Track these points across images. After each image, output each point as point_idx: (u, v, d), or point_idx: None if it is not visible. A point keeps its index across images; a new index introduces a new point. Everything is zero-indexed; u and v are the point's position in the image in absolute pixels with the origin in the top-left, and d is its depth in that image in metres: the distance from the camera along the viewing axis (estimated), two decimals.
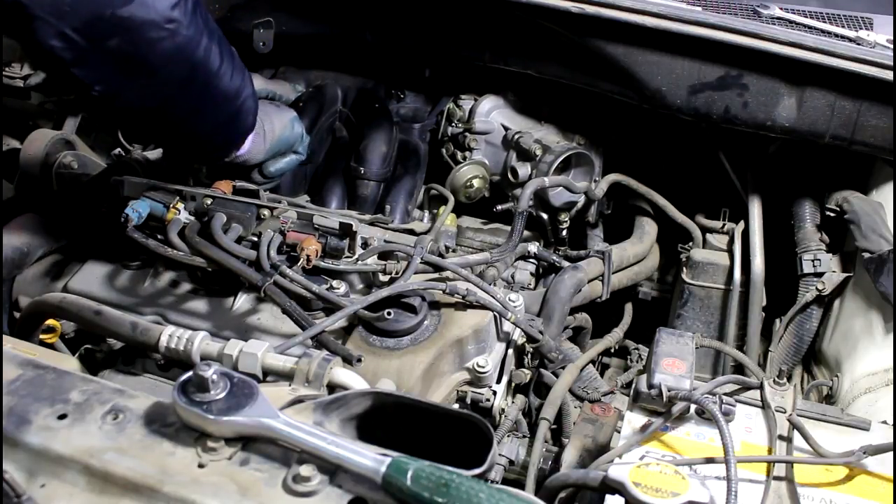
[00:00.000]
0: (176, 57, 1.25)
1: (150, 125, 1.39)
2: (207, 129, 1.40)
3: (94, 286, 1.47)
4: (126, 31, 1.18)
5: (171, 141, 1.48)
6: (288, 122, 1.58)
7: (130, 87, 1.26)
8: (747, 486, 1.01)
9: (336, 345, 1.23)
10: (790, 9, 1.89)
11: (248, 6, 1.83)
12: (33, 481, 0.83)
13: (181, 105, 1.32)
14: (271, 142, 1.53)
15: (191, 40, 1.25)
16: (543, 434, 1.39)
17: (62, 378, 0.93)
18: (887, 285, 1.51)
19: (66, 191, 1.59)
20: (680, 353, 1.13)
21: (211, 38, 1.29)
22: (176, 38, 1.22)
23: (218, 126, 1.41)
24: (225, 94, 1.36)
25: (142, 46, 1.21)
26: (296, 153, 1.64)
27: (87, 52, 1.18)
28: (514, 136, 1.83)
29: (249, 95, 1.42)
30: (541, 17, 1.64)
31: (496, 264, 1.57)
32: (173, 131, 1.40)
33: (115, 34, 1.18)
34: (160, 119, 1.34)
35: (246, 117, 1.44)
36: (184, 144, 1.46)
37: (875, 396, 1.54)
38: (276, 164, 1.60)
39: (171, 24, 1.21)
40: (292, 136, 1.60)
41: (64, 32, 1.15)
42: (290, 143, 1.60)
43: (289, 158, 1.63)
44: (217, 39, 1.31)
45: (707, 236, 1.90)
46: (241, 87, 1.38)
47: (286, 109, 1.63)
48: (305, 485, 0.81)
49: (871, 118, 1.55)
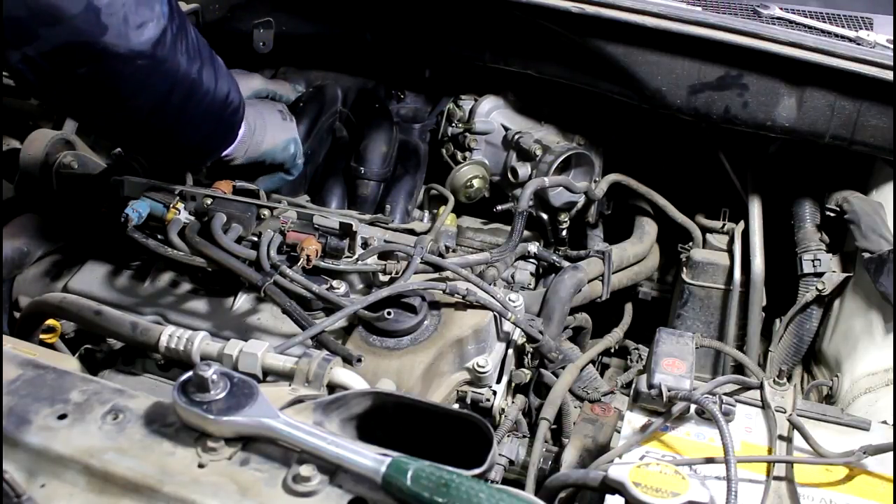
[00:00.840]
0: (148, 87, 1.22)
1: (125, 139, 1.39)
2: (186, 142, 1.39)
3: (94, 286, 1.47)
4: (96, 61, 1.15)
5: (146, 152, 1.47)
6: (281, 143, 1.58)
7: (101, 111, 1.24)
8: (747, 486, 1.01)
9: (336, 345, 1.23)
10: (790, 9, 1.90)
11: (248, 6, 1.83)
12: (33, 481, 0.83)
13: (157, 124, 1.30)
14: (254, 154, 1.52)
15: (167, 72, 1.22)
16: (543, 434, 1.39)
17: (62, 378, 0.93)
18: (887, 285, 1.51)
19: (66, 191, 1.59)
20: (680, 353, 1.13)
21: (191, 62, 1.25)
22: (150, 69, 1.19)
23: (198, 140, 1.40)
24: (205, 113, 1.34)
25: (112, 77, 1.18)
26: (286, 172, 1.64)
27: (54, 78, 1.16)
28: (514, 136, 1.83)
29: (235, 109, 1.40)
30: (541, 17, 1.64)
31: (496, 264, 1.57)
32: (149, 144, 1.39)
33: (85, 63, 1.15)
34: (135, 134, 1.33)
35: (228, 129, 1.43)
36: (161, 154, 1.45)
37: (875, 396, 1.54)
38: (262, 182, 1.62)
39: (143, 60, 1.17)
40: (282, 155, 1.59)
41: (30, 57, 1.12)
42: (276, 159, 1.59)
43: (275, 178, 1.64)
44: (199, 61, 1.27)
45: (707, 236, 1.90)
46: (225, 103, 1.36)
47: (289, 129, 1.62)
48: (305, 485, 0.81)
49: (871, 118, 1.55)
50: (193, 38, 1.28)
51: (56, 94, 1.20)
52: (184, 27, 1.24)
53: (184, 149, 1.41)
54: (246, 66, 1.81)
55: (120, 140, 1.41)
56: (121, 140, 1.40)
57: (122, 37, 1.14)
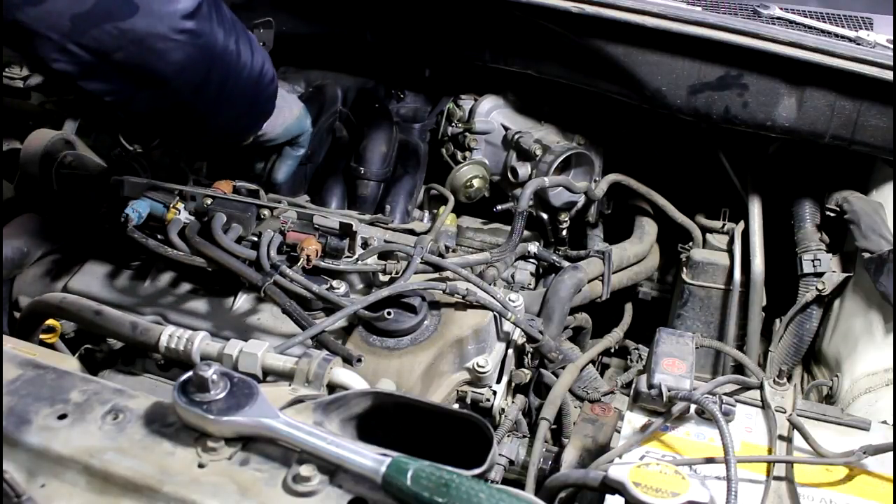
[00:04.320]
0: (189, 66, 1.20)
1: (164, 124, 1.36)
2: (226, 121, 1.38)
3: (94, 286, 1.47)
4: (131, 43, 1.13)
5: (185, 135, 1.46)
6: (300, 111, 1.58)
7: (142, 95, 1.22)
8: (747, 486, 1.01)
9: (336, 345, 1.23)
10: (790, 9, 1.89)
11: (248, 6, 1.82)
12: (33, 481, 0.83)
13: (197, 105, 1.29)
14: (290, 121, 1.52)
15: (206, 46, 1.20)
16: (543, 434, 1.39)
17: (62, 378, 0.93)
18: (887, 285, 1.51)
19: (66, 191, 1.59)
20: (680, 353, 1.14)
21: (227, 36, 1.23)
22: (188, 47, 1.17)
23: (237, 116, 1.39)
24: (244, 88, 1.32)
25: (150, 58, 1.16)
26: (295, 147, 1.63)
27: (93, 65, 1.14)
28: (514, 136, 1.83)
29: (270, 80, 1.38)
30: (541, 17, 1.64)
31: (496, 264, 1.57)
32: (188, 127, 1.37)
33: (121, 47, 1.13)
34: (174, 118, 1.31)
35: (266, 102, 1.41)
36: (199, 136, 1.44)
37: (875, 396, 1.53)
38: (280, 170, 1.62)
39: (181, 35, 1.16)
40: (303, 125, 1.60)
41: (66, 48, 1.11)
42: (301, 129, 1.59)
43: (290, 159, 1.63)
44: (235, 33, 1.26)
45: (707, 236, 1.90)
46: (261, 75, 1.34)
47: (297, 99, 1.63)
48: (305, 485, 0.81)
49: (871, 118, 1.55)
50: (227, 12, 1.26)
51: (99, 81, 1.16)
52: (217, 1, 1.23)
53: (226, 127, 1.39)
54: None
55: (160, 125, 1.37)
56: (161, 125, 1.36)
57: (155, 14, 1.13)
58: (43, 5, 1.07)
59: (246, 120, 1.42)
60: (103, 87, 1.19)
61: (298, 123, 1.58)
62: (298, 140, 1.62)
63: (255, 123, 1.44)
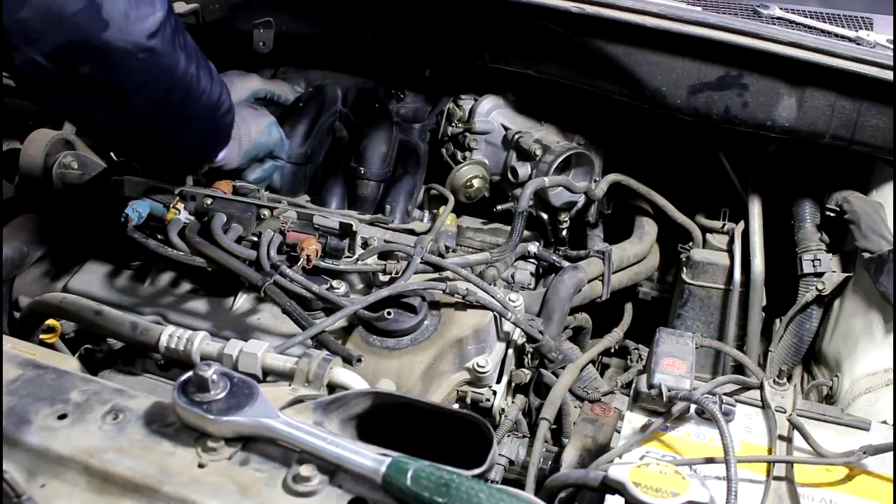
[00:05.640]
0: (150, 83, 1.22)
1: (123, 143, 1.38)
2: (182, 145, 1.39)
3: (94, 286, 1.47)
4: (98, 58, 1.15)
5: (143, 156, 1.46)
6: (265, 128, 1.58)
7: (102, 111, 1.23)
8: (747, 486, 1.01)
9: (336, 345, 1.23)
10: (790, 9, 1.89)
11: (248, 6, 1.83)
12: (33, 481, 0.83)
13: (155, 126, 1.30)
14: (247, 147, 1.53)
15: (167, 67, 1.22)
16: (543, 434, 1.39)
17: (62, 378, 0.93)
18: (887, 285, 1.51)
19: (66, 191, 1.59)
20: (680, 353, 1.14)
21: (189, 61, 1.26)
22: (151, 65, 1.19)
23: (194, 142, 1.40)
24: (201, 113, 1.34)
25: (115, 73, 1.18)
26: (275, 158, 1.65)
27: (57, 77, 1.15)
28: (514, 136, 1.83)
29: (227, 111, 1.40)
30: (541, 17, 1.64)
31: (496, 264, 1.57)
32: (146, 148, 1.38)
33: (87, 61, 1.15)
34: (133, 137, 1.33)
35: (222, 131, 1.43)
36: (157, 159, 1.44)
37: (875, 396, 1.53)
38: (254, 172, 1.62)
39: (144, 54, 1.17)
40: (270, 141, 1.60)
41: (33, 58, 1.11)
42: (267, 147, 1.60)
43: (267, 165, 1.65)
44: (195, 60, 1.28)
45: (707, 236, 1.90)
46: (217, 104, 1.36)
47: (264, 114, 1.62)
48: (305, 485, 0.81)
49: (871, 118, 1.55)
50: (189, 39, 1.28)
51: (58, 95, 1.19)
52: (180, 25, 1.25)
53: (181, 151, 1.40)
54: (246, 66, 1.81)
55: (119, 143, 1.40)
56: (120, 143, 1.39)
57: (123, 31, 1.14)
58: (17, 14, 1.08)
59: (204, 146, 1.43)
60: (64, 101, 1.20)
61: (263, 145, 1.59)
62: (272, 153, 1.64)
63: (211, 150, 1.45)
